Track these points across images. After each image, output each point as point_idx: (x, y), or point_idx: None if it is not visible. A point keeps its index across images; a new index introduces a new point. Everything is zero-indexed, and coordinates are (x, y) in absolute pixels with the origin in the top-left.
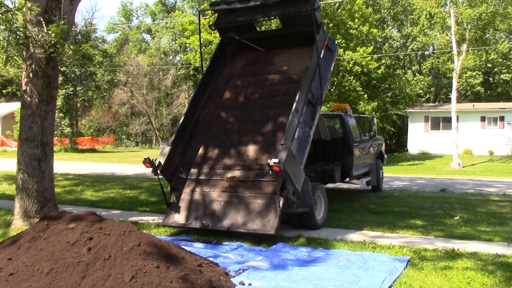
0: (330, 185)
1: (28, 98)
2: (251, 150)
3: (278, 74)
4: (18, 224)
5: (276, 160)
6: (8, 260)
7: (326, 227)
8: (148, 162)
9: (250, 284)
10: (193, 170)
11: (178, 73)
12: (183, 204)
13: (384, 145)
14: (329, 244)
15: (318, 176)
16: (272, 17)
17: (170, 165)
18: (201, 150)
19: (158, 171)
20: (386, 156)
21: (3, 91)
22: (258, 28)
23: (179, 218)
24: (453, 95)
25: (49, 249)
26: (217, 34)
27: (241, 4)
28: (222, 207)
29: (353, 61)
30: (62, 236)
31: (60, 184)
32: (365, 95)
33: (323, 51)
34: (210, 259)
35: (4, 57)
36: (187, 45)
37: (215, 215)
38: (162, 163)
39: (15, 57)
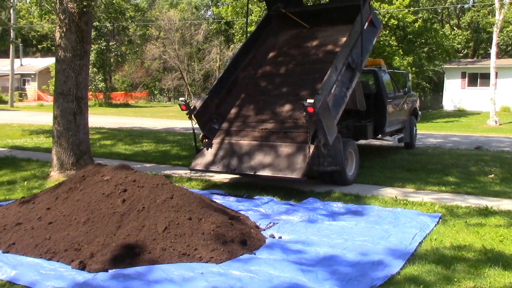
0: (362, 141)
1: (62, 53)
2: (286, 108)
3: (320, 47)
4: (55, 176)
5: (311, 101)
6: (47, 210)
7: (357, 183)
8: (184, 104)
9: (280, 237)
10: (226, 123)
11: (210, 28)
12: (212, 150)
13: (418, 101)
14: (360, 199)
15: (350, 132)
16: None
17: (205, 113)
18: (235, 107)
19: (193, 115)
20: (420, 113)
21: (39, 46)
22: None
23: (206, 162)
24: (493, 50)
25: (85, 200)
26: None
27: None
28: (250, 153)
29: (389, 14)
30: (98, 188)
31: (94, 137)
32: (400, 50)
33: (366, 23)
34: (241, 212)
35: (39, 11)
36: None
37: (243, 160)
38: (198, 108)
39: (49, 12)
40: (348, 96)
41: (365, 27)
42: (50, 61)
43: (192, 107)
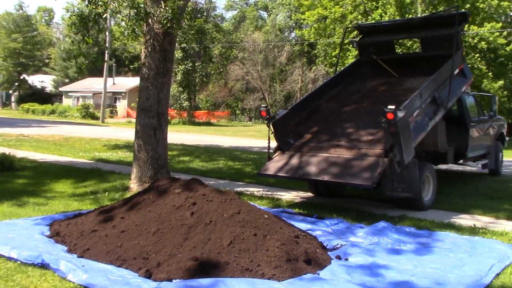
0: (442, 167)
1: (146, 71)
2: (364, 134)
3: (406, 91)
4: (134, 188)
5: (393, 107)
6: (121, 219)
7: (433, 209)
8: (265, 110)
9: (346, 259)
10: (301, 141)
11: (293, 49)
12: (283, 159)
13: (506, 126)
14: (435, 226)
15: (428, 156)
16: (414, 38)
17: (283, 125)
18: (313, 130)
19: (271, 124)
20: (507, 138)
21: (130, 66)
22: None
23: (275, 168)
24: None
25: (156, 211)
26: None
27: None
28: (321, 164)
29: (479, 36)
30: (169, 200)
31: (173, 153)
32: (490, 73)
33: (457, 70)
34: (309, 232)
35: (131, 32)
36: (302, 21)
37: (312, 168)
38: (277, 118)
39: (139, 34)
40: (430, 127)
41: (455, 72)
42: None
43: (272, 116)
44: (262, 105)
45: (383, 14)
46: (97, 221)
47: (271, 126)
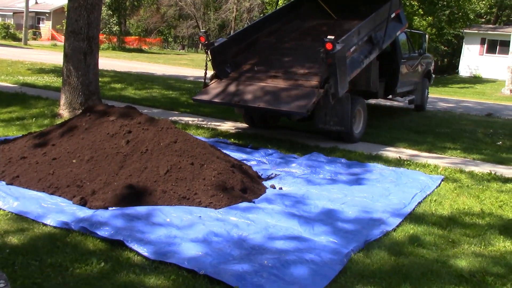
0: (371, 101)
1: None
2: (301, 69)
3: (345, 33)
4: (64, 115)
5: (332, 37)
6: (52, 146)
7: (363, 141)
8: (203, 35)
9: (280, 188)
10: (238, 71)
11: None
12: (219, 87)
13: (433, 64)
14: (364, 158)
15: (360, 91)
16: None
17: (221, 53)
18: (250, 61)
19: (209, 50)
20: (434, 76)
21: None
22: None
23: (211, 95)
24: None
25: (90, 139)
26: None
27: None
28: (257, 92)
29: None
30: (103, 128)
31: (104, 80)
32: (420, 10)
33: (394, 14)
34: (244, 162)
35: None
36: None
37: (248, 96)
38: (216, 45)
39: None
40: (364, 64)
41: (392, 16)
42: (65, 1)
43: (211, 42)
44: (201, 31)
45: None
46: (26, 148)
47: (209, 52)
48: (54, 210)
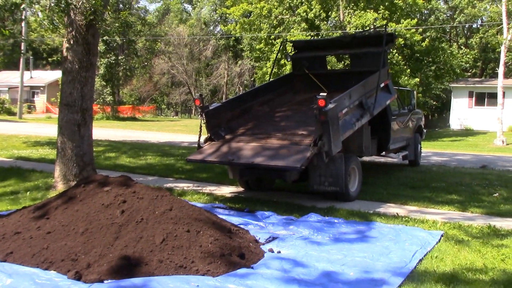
0: (366, 158)
1: (69, 65)
2: (293, 135)
3: None
4: (58, 187)
5: (324, 94)
6: (46, 219)
7: (359, 199)
8: (199, 98)
9: (279, 252)
10: (232, 135)
11: (218, 43)
12: (213, 148)
13: (423, 119)
14: (362, 216)
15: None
16: (345, 54)
17: (216, 117)
18: (244, 127)
19: (204, 113)
20: (425, 131)
21: (49, 59)
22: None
23: (204, 155)
24: (500, 70)
25: (84, 210)
26: None
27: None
28: (252, 150)
29: (397, 33)
30: (97, 198)
31: (98, 150)
32: (408, 69)
33: (383, 84)
34: (241, 226)
35: (49, 24)
36: (228, 15)
37: (242, 154)
38: (211, 108)
39: (59, 26)
40: (356, 127)
41: (381, 85)
42: (59, 74)
43: (206, 105)
44: (196, 94)
45: (308, 10)
46: (20, 223)
47: (203, 115)
48: (48, 286)
